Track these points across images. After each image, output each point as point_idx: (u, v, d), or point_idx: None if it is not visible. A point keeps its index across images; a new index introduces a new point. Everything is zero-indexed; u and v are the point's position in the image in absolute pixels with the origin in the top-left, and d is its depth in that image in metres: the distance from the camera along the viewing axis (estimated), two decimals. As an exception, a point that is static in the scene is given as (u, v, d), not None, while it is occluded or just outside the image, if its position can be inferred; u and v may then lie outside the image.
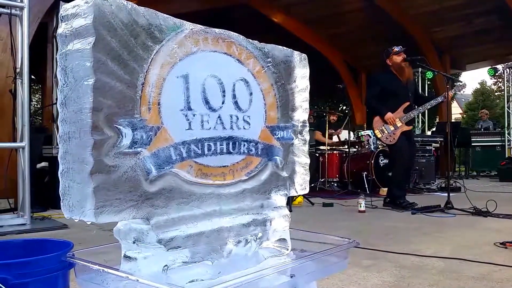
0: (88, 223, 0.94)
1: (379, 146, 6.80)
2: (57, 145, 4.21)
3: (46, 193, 5.10)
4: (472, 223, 3.68)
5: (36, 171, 4.77)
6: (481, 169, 10.42)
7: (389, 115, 4.59)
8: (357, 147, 7.31)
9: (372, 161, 6.43)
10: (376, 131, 4.67)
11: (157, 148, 1.02)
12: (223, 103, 1.18)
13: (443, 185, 6.89)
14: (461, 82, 6.43)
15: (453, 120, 11.74)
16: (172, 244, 1.00)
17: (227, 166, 1.18)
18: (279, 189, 1.32)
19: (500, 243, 2.74)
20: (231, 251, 1.13)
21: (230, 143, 1.19)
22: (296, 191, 1.39)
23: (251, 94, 1.25)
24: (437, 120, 13.34)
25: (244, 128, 1.23)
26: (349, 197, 5.72)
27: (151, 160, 1.00)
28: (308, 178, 1.42)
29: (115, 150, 0.94)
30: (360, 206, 4.41)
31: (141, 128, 0.98)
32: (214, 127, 1.15)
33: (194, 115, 1.10)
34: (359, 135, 7.43)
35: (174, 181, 1.05)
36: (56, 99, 4.88)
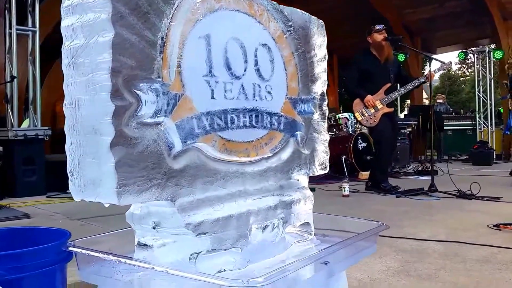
0: (107, 204, 0.83)
1: (357, 129, 6.84)
2: (12, 127, 3.94)
3: (0, 180, 4.81)
4: (458, 205, 3.75)
5: (-11, 157, 4.49)
6: (452, 152, 10.74)
7: (368, 97, 4.58)
8: (334, 130, 7.33)
9: (351, 145, 6.46)
10: (356, 114, 4.66)
11: (180, 119, 0.91)
12: (245, 70, 1.08)
13: (420, 168, 7.04)
14: (444, 62, 6.48)
15: (423, 104, 11.99)
16: (200, 229, 0.90)
17: (251, 141, 1.09)
18: (301, 168, 1.24)
19: (494, 225, 2.79)
20: (259, 236, 1.04)
21: (254, 116, 1.09)
22: (316, 170, 1.31)
23: (272, 61, 1.16)
24: (409, 103, 13.63)
25: (267, 99, 1.14)
26: (329, 181, 5.73)
27: (174, 133, 0.90)
28: (328, 156, 1.35)
29: (136, 119, 0.82)
30: (344, 190, 4.41)
31: (164, 95, 0.87)
32: (237, 97, 1.05)
33: (217, 82, 1.00)
34: (336, 118, 7.45)
35: (198, 158, 0.94)
36: (11, 76, 4.54)
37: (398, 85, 5.09)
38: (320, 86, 1.32)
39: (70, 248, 0.98)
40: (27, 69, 5.27)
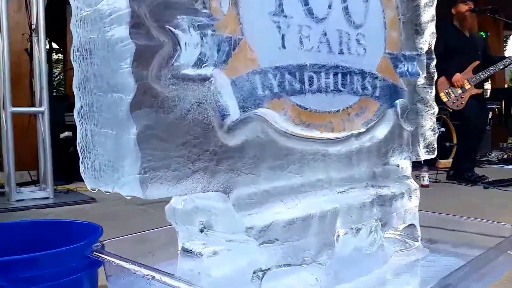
0: (128, 197, 0.56)
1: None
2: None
3: (71, 165, 4.86)
4: None
5: (59, 141, 4.51)
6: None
7: (457, 76, 4.00)
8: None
9: (426, 130, 5.89)
10: (441, 94, 4.11)
11: (238, 74, 0.62)
12: (329, 7, 0.76)
13: (505, 156, 6.30)
14: None
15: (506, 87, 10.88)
16: (266, 236, 0.61)
17: (337, 111, 0.78)
18: (402, 150, 0.91)
19: None
20: (350, 245, 0.73)
21: (340, 76, 0.78)
22: (422, 154, 0.97)
23: (366, 0, 0.83)
24: (487, 88, 12.45)
25: (358, 54, 0.81)
26: (402, 170, 5.24)
27: (229, 93, 0.61)
28: (436, 135, 1.00)
29: (171, 70, 0.54)
30: (423, 180, 3.92)
31: (213, 36, 0.58)
32: (318, 48, 0.74)
33: (289, 25, 0.69)
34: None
35: (262, 131, 0.65)
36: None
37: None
38: (428, 39, 0.97)
39: (95, 254, 0.73)
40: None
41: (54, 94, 8.66)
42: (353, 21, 0.80)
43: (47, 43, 3.68)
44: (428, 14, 0.97)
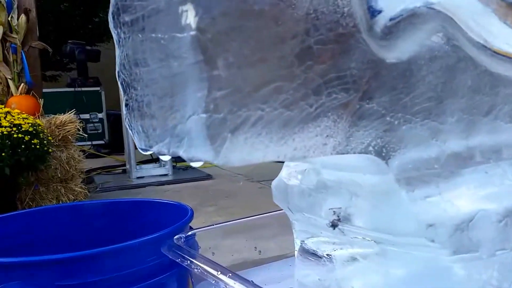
0: (196, 165, 0.30)
1: None
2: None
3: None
4: None
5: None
6: None
7: None
8: None
9: None
10: None
11: None
12: None
13: None
14: None
15: None
16: (467, 240, 0.31)
17: None
18: None
19: None
20: None
21: None
22: None
23: None
24: None
25: None
26: None
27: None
28: None
29: None
30: None
31: None
32: None
33: None
34: None
35: (447, 40, 0.34)
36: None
37: None
38: None
39: (173, 251, 0.49)
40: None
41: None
42: None
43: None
44: None
